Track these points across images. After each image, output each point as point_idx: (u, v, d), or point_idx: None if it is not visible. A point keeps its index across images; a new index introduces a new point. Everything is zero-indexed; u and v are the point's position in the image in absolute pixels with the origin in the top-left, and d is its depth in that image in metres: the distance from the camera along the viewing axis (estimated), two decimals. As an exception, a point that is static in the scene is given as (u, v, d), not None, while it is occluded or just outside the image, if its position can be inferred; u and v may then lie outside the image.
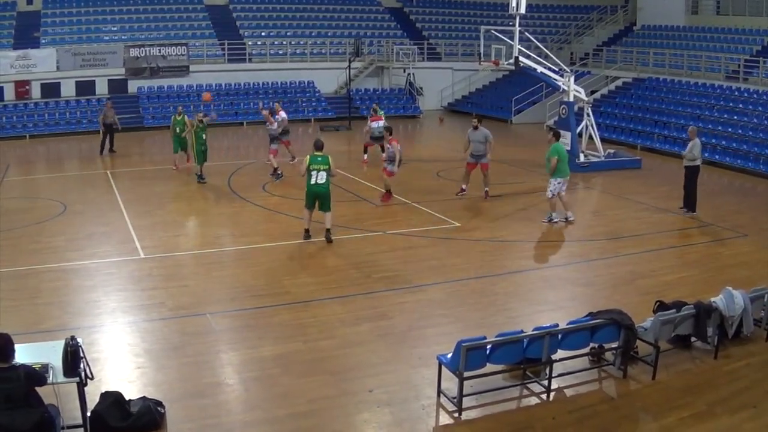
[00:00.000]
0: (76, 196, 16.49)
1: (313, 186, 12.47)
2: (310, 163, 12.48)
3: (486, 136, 15.96)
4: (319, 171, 12.42)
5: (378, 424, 7.07)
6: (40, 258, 11.78)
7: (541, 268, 12.03)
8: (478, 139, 15.94)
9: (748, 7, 29.05)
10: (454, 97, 34.27)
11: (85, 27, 29.75)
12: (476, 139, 15.97)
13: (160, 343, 8.70)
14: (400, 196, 16.22)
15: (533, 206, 15.87)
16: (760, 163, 20.01)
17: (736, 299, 8.51)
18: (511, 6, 19.96)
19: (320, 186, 12.48)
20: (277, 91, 30.71)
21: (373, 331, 9.06)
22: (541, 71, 20.68)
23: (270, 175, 18.02)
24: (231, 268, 11.82)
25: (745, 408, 7.34)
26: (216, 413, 7.13)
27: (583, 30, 35.93)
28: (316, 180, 12.44)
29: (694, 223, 14.74)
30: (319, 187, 12.48)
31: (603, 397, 7.68)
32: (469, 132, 16.26)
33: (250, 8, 33.49)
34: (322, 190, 12.55)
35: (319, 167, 12.44)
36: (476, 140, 15.97)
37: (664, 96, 26.10)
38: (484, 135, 15.96)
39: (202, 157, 17.57)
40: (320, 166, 12.45)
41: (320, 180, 12.45)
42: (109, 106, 22.56)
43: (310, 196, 12.60)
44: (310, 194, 12.57)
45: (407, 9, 36.73)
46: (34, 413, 5.66)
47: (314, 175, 12.44)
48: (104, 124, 22.14)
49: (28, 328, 8.57)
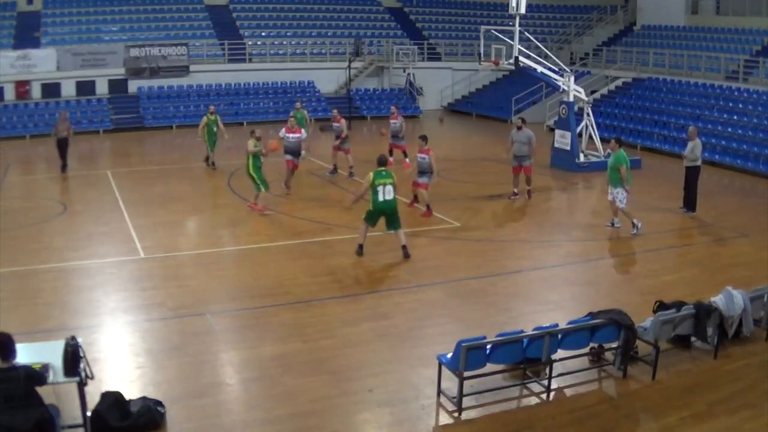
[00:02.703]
0: (76, 196, 16.51)
1: (382, 203, 11.64)
2: (374, 179, 11.68)
3: (530, 138, 15.69)
4: (385, 186, 11.64)
5: (378, 424, 7.07)
6: (40, 258, 11.78)
7: (541, 268, 12.03)
8: (521, 140, 15.68)
9: (748, 7, 29.05)
10: (454, 97, 34.28)
11: (85, 27, 29.75)
12: (519, 140, 15.71)
13: (160, 343, 8.70)
14: (400, 196, 16.19)
15: (533, 206, 15.88)
16: (760, 163, 20.00)
17: (736, 299, 8.51)
18: (511, 6, 19.95)
19: (389, 203, 11.67)
20: (277, 91, 30.74)
21: (373, 331, 9.06)
22: (541, 71, 20.68)
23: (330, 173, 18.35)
24: (231, 268, 11.83)
25: (745, 408, 7.33)
26: (216, 413, 7.13)
27: (583, 30, 35.93)
28: (384, 197, 11.62)
29: (694, 223, 14.75)
30: (388, 204, 11.67)
31: (603, 397, 7.69)
32: (513, 133, 16.00)
33: (250, 8, 33.50)
34: (391, 207, 11.75)
35: (384, 182, 11.64)
36: (519, 141, 15.70)
37: (664, 96, 26.10)
38: (527, 136, 15.70)
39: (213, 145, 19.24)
40: (386, 180, 11.66)
41: (388, 196, 11.63)
42: (63, 118, 19.53)
43: (375, 213, 11.77)
44: (377, 212, 11.75)
45: (407, 9, 36.74)
46: (34, 413, 5.67)
47: (381, 191, 11.61)
48: (57, 138, 18.95)
49: (28, 328, 8.56)
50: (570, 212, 16.42)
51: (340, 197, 15.83)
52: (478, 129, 28.27)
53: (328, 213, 14.90)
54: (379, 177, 11.72)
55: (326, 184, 15.76)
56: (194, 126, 23.38)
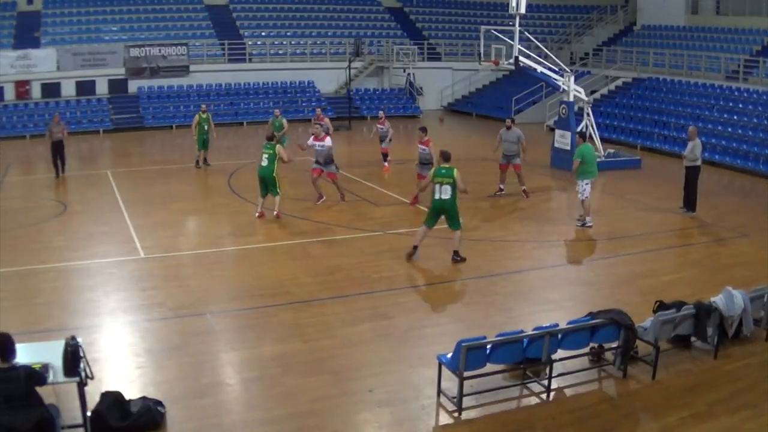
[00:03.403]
0: (76, 196, 16.51)
1: (437, 202, 11.44)
2: (434, 175, 11.49)
3: (519, 137, 16.07)
4: (442, 184, 11.34)
5: (378, 424, 7.07)
6: (40, 258, 11.78)
7: (541, 268, 12.03)
8: (511, 139, 16.06)
9: (748, 7, 29.06)
10: (454, 97, 34.29)
11: (85, 27, 29.76)
12: (509, 139, 16.10)
13: (160, 343, 8.70)
14: (400, 196, 16.24)
15: (533, 206, 15.88)
16: (760, 163, 20.02)
17: (736, 299, 8.51)
18: (511, 6, 19.97)
19: (444, 201, 11.40)
20: (277, 91, 30.74)
21: (373, 331, 9.06)
22: (541, 71, 20.68)
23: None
24: (231, 268, 11.83)
25: (745, 408, 7.33)
26: (216, 413, 7.12)
27: (583, 30, 35.94)
28: (440, 195, 11.37)
29: (694, 223, 14.75)
30: (443, 202, 11.42)
31: (603, 397, 7.69)
32: (502, 132, 16.37)
33: (250, 8, 33.51)
34: (447, 206, 11.47)
35: (442, 180, 11.34)
36: (509, 140, 16.09)
37: (664, 96, 26.11)
38: (516, 135, 16.08)
39: (202, 144, 19.42)
40: (443, 179, 11.34)
41: (444, 195, 11.35)
42: (56, 120, 18.84)
43: (433, 212, 11.61)
44: (434, 210, 11.58)
45: (407, 9, 36.75)
46: (34, 413, 5.66)
47: (437, 190, 11.38)
48: (51, 141, 18.32)
49: (28, 328, 8.56)
50: (570, 212, 16.39)
51: (338, 196, 15.83)
52: (478, 129, 28.24)
53: (328, 213, 14.91)
54: (438, 174, 11.47)
55: (326, 184, 15.76)
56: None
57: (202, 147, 19.65)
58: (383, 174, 18.78)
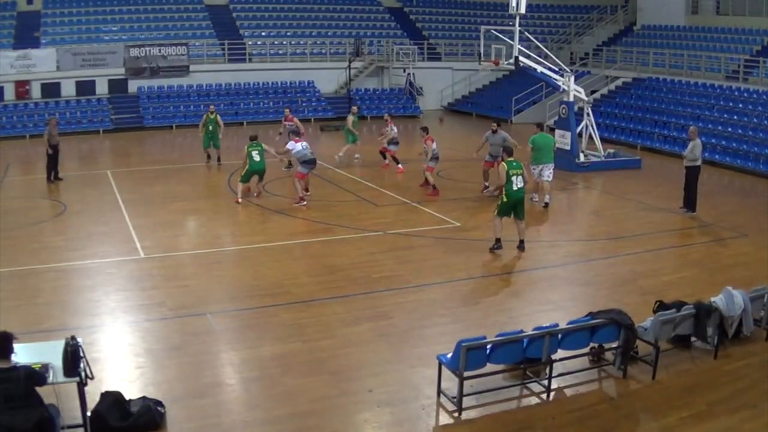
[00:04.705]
0: (76, 196, 16.50)
1: (516, 192, 12.00)
2: (509, 169, 12.01)
3: (505, 139, 16.31)
4: (517, 176, 12.01)
5: (378, 424, 7.07)
6: (40, 258, 11.78)
7: (541, 268, 12.03)
8: (497, 143, 16.23)
9: (748, 7, 29.04)
10: (454, 97, 34.27)
11: (85, 27, 29.75)
12: (495, 142, 16.33)
13: (160, 343, 8.70)
14: (400, 196, 16.24)
15: (533, 206, 15.86)
16: (760, 163, 20.01)
17: (736, 299, 8.51)
18: (511, 6, 19.95)
19: (522, 190, 12.11)
20: (277, 91, 30.74)
21: (373, 331, 9.05)
22: (541, 71, 20.68)
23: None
24: (231, 268, 11.82)
25: (745, 408, 7.33)
26: (216, 413, 7.12)
27: (583, 30, 35.92)
28: (518, 185, 12.01)
29: (694, 223, 14.74)
30: (521, 192, 12.09)
31: (603, 397, 7.68)
32: (488, 135, 16.66)
33: (250, 8, 33.49)
34: (522, 195, 12.17)
35: (516, 171, 12.01)
36: (495, 143, 16.32)
37: (664, 96, 26.10)
38: (502, 138, 16.33)
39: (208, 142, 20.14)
40: (517, 170, 12.03)
41: (520, 184, 12.06)
42: (54, 124, 18.53)
43: (510, 204, 12.08)
44: (511, 202, 12.07)
45: (407, 9, 36.73)
46: (34, 413, 5.66)
47: (514, 181, 11.97)
48: (50, 144, 17.94)
49: (28, 328, 8.55)
50: (570, 212, 16.42)
51: (341, 197, 15.84)
52: (478, 129, 28.12)
53: (328, 213, 14.90)
54: (512, 167, 12.08)
55: (326, 183, 15.77)
56: (194, 126, 23.48)
57: (207, 145, 20.16)
58: (398, 175, 18.69)
